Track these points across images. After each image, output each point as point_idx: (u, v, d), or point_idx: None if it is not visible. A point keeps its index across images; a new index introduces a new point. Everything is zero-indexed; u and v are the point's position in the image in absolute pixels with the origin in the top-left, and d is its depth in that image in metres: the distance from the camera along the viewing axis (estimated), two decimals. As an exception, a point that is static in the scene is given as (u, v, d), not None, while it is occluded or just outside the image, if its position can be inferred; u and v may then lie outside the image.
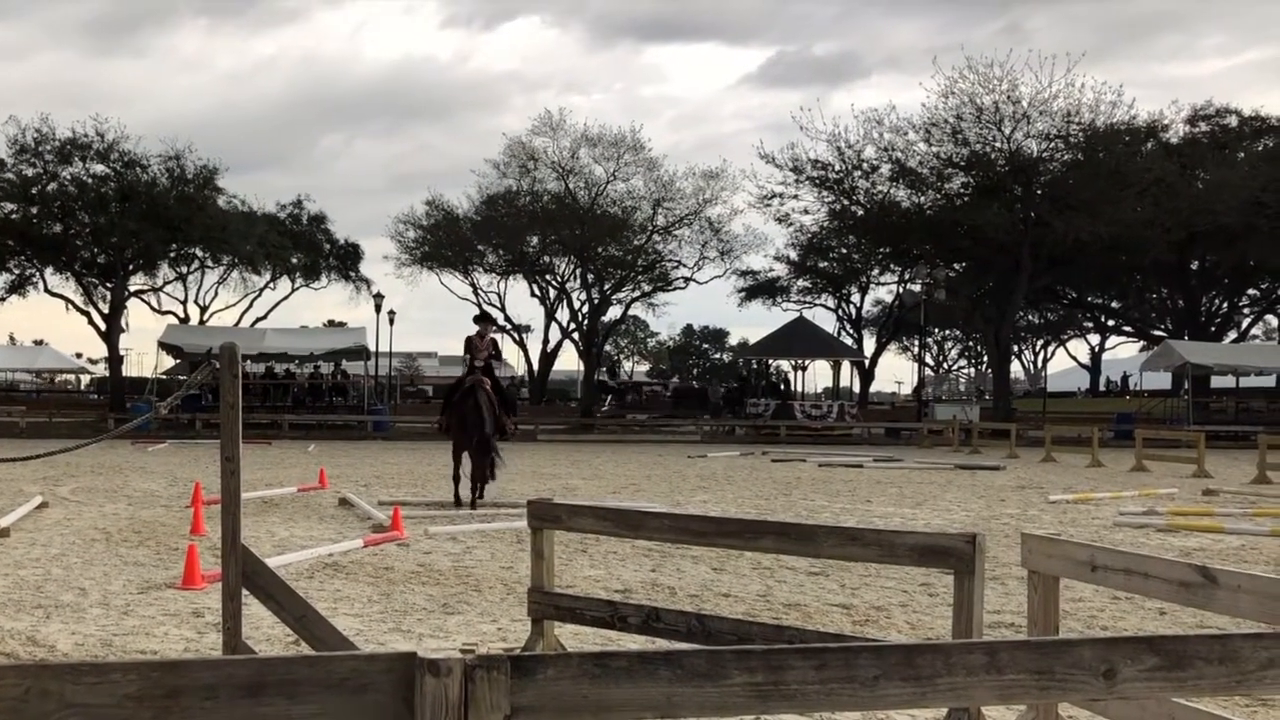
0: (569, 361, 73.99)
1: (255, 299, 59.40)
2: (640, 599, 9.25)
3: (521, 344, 64.84)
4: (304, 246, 58.38)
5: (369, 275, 61.45)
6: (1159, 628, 8.54)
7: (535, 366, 62.38)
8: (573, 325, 58.51)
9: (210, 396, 34.92)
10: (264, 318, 58.83)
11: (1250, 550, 13.13)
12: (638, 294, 59.46)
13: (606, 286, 57.45)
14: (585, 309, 57.50)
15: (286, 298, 60.34)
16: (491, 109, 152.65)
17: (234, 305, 59.61)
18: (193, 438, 35.96)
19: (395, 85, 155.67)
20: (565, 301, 58.65)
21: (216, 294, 60.07)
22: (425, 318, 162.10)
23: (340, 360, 48.34)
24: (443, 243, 57.58)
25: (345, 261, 60.75)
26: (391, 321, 56.01)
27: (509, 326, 63.52)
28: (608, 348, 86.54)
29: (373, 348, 49.46)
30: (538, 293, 59.24)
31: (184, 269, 56.46)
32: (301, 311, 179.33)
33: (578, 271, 57.15)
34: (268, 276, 58.18)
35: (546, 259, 57.82)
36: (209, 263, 56.36)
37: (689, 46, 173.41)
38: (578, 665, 2.54)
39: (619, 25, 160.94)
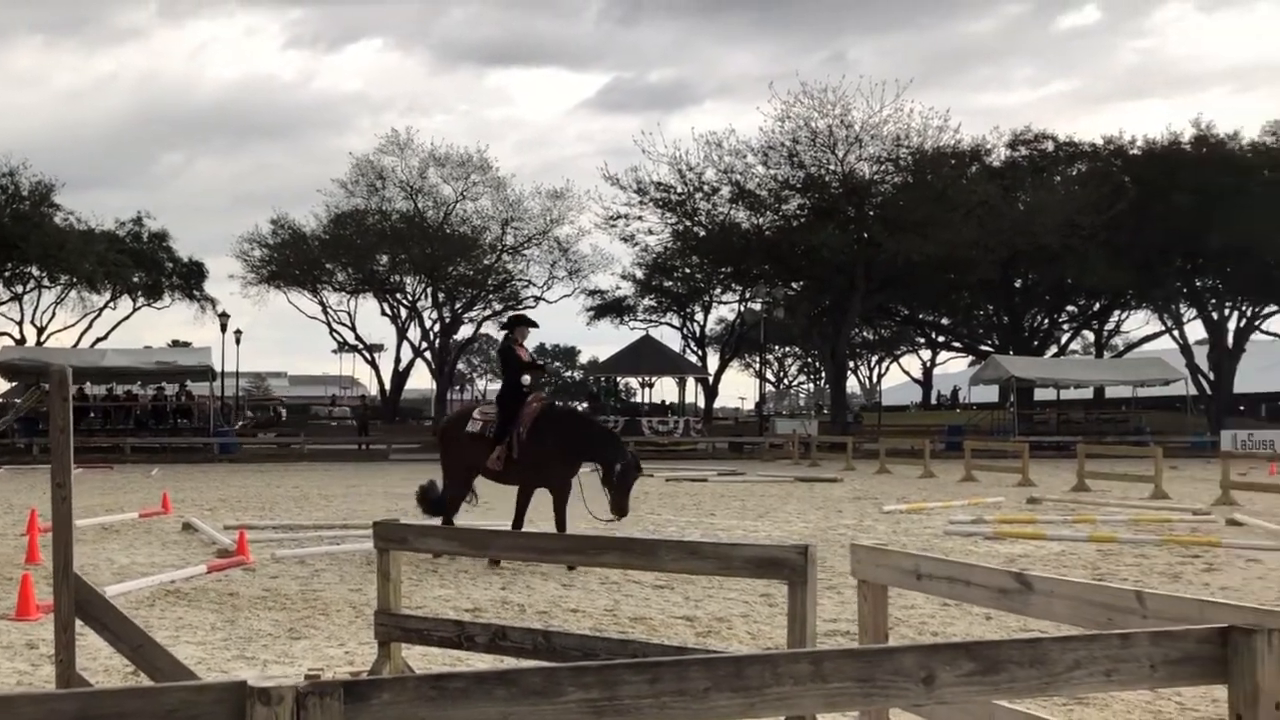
0: (422, 380, 73.26)
1: (95, 319, 57.30)
2: (489, 618, 9.18)
3: (373, 363, 63.95)
4: (145, 265, 56.58)
5: (214, 294, 59.95)
6: (985, 632, 8.81)
7: (387, 385, 61.52)
8: (424, 344, 57.96)
9: (42, 422, 33.53)
10: (104, 338, 56.72)
11: (1070, 555, 13.63)
12: (489, 313, 59.27)
13: (458, 305, 57.09)
14: (436, 328, 57.01)
15: (128, 317, 58.42)
16: (336, 129, 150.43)
17: (73, 326, 57.38)
18: (29, 463, 34.46)
19: (237, 104, 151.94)
20: (416, 320, 58.07)
21: (54, 314, 57.74)
22: (273, 337, 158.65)
23: (185, 381, 46.94)
24: (290, 261, 56.48)
25: (189, 280, 59.03)
26: (238, 341, 54.69)
27: (360, 346, 62.59)
28: (461, 366, 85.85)
29: (218, 368, 48.16)
30: (388, 312, 58.58)
31: (19, 289, 54.19)
32: (144, 332, 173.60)
33: (428, 290, 56.66)
34: (107, 296, 56.19)
35: (396, 278, 57.20)
36: (46, 282, 54.20)
37: (530, 71, 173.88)
38: (413, 688, 2.51)
39: (461, 49, 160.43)
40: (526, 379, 13.51)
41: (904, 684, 2.96)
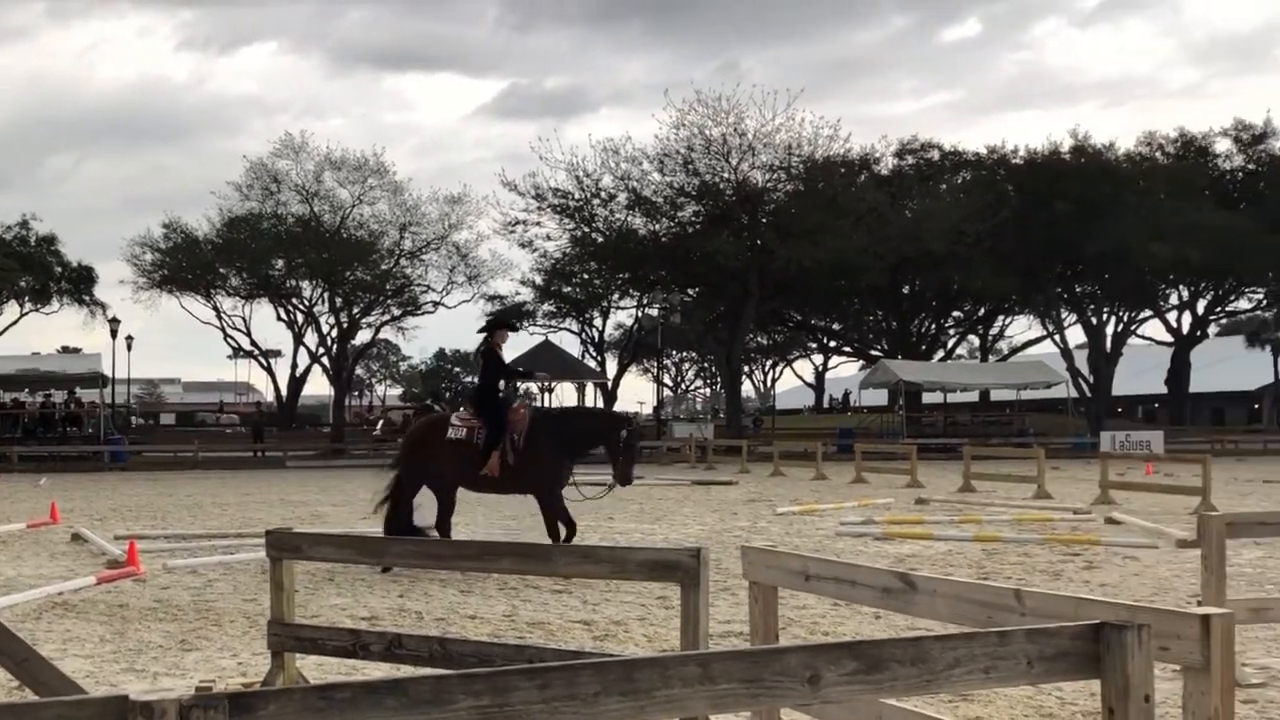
0: (319, 386, 72.12)
1: (-21, 325, 55.54)
2: (386, 625, 9.07)
3: (269, 369, 62.85)
4: (33, 269, 54.95)
5: (104, 299, 58.40)
6: (875, 632, 8.93)
7: (284, 391, 60.49)
8: (321, 349, 57.10)
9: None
10: (-10, 345, 55.01)
11: (956, 555, 13.89)
12: (387, 318, 58.61)
13: (355, 310, 56.35)
14: (334, 333, 56.22)
15: (15, 323, 56.75)
16: (230, 132, 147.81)
17: (-44, 332, 55.57)
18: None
19: (128, 106, 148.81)
20: (313, 325, 57.20)
21: (-64, 321, 55.90)
22: (167, 343, 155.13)
23: (74, 388, 45.64)
24: (182, 266, 55.28)
25: (78, 285, 57.46)
26: (129, 347, 53.33)
27: (256, 352, 61.49)
28: (359, 372, 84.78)
29: (110, 374, 46.93)
30: (284, 317, 57.62)
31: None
32: (31, 337, 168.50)
33: (325, 295, 55.87)
34: (-8, 301, 54.52)
35: (292, 282, 56.33)
36: (-73, 287, 52.43)
37: (427, 76, 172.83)
38: (300, 699, 2.47)
39: (357, 53, 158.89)
40: (502, 384, 13.38)
41: (790, 684, 2.98)
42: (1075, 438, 47.34)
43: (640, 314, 61.90)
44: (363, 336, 60.18)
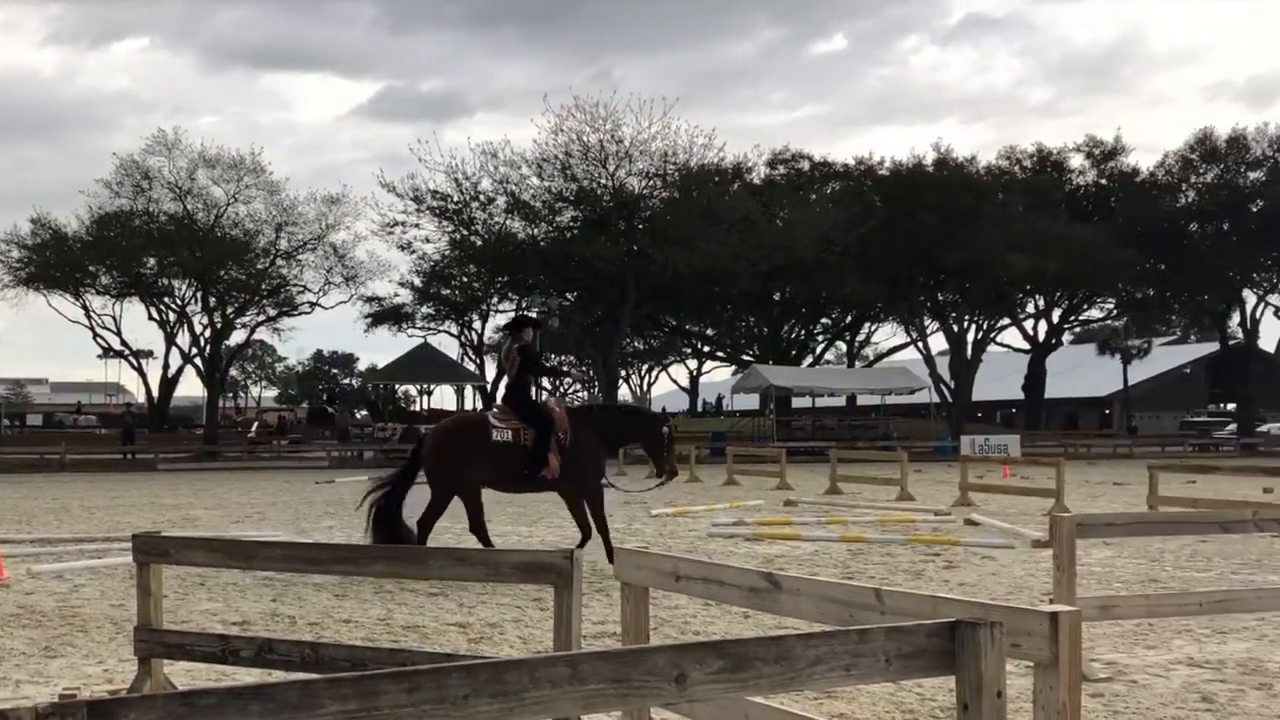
0: (193, 387, 70.25)
1: None
2: (258, 630, 8.88)
3: (140, 370, 61.07)
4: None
5: (-35, 297, 55.93)
6: (744, 631, 9.02)
7: (155, 393, 58.77)
8: (194, 350, 55.65)
9: None
10: None
11: (823, 555, 14.12)
12: (263, 318, 57.36)
13: (229, 310, 55.04)
14: (207, 333, 54.84)
15: None
16: (101, 128, 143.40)
17: None
18: None
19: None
20: (186, 325, 55.68)
21: None
22: (34, 342, 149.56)
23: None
24: (50, 263, 53.32)
25: (-62, 283, 55.01)
26: (-7, 347, 51.27)
27: (126, 352, 59.69)
28: (234, 373, 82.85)
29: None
30: (156, 316, 55.97)
31: None
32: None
33: (198, 294, 54.46)
34: None
35: (165, 281, 54.76)
36: None
37: (303, 76, 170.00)
38: (162, 706, 2.41)
39: (232, 51, 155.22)
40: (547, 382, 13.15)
41: (657, 683, 3.00)
42: (937, 441, 48.44)
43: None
44: (237, 337, 58.81)
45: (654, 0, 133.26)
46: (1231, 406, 75.20)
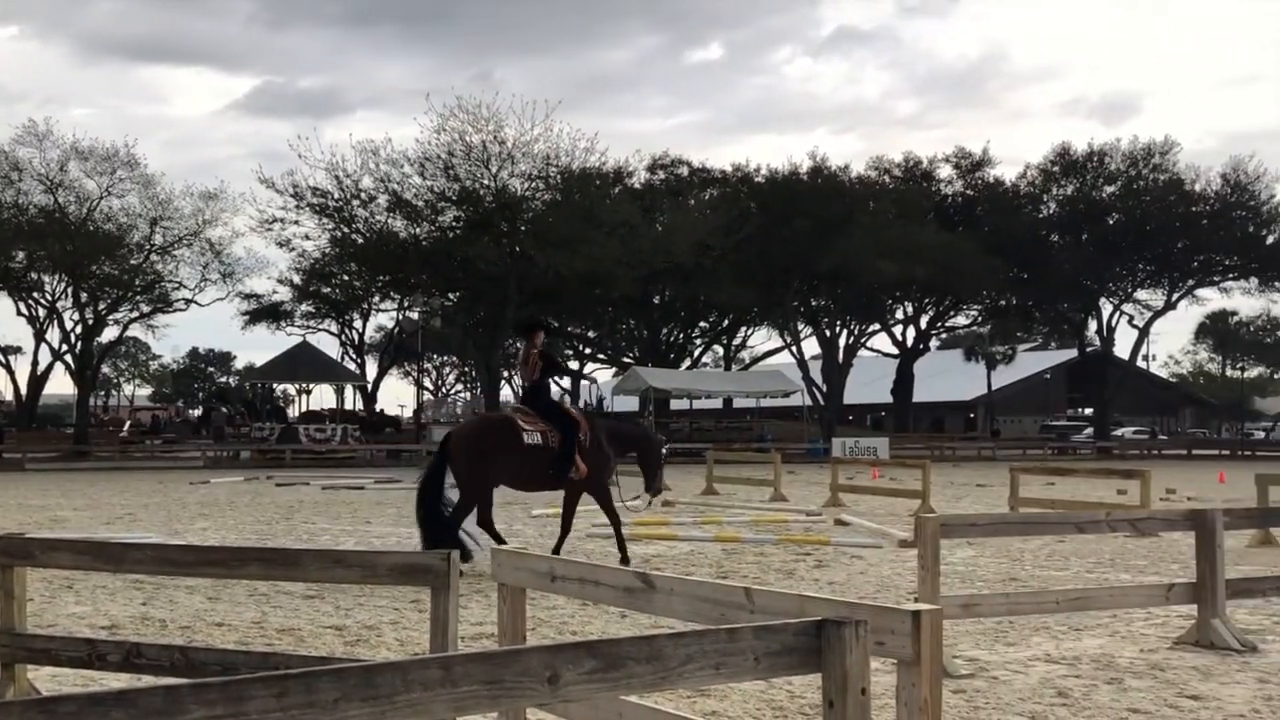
0: (63, 385, 67.92)
1: None
2: (127, 634, 8.61)
3: (7, 366, 58.81)
4: None
5: None
6: (620, 631, 9.03)
7: (24, 391, 56.63)
8: (65, 347, 53.78)
9: None
10: None
11: (699, 554, 14.23)
12: (136, 315, 55.68)
13: (102, 306, 53.32)
14: (78, 329, 53.04)
15: None
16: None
17: None
18: None
19: None
20: (56, 321, 53.78)
21: None
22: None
23: None
24: (-87, 257, 51.07)
25: None
26: None
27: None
28: (106, 370, 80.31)
29: None
30: (25, 312, 53.94)
31: None
32: None
33: (69, 290, 52.65)
34: None
35: (34, 276, 52.79)
36: None
37: (179, 69, 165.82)
38: (20, 713, 2.32)
39: (106, 43, 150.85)
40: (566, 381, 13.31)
41: (530, 684, 2.99)
42: (809, 443, 49.13)
43: (401, 317, 60.87)
44: (110, 334, 57.02)
45: (532, 4, 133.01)
46: (1089, 411, 77.95)
